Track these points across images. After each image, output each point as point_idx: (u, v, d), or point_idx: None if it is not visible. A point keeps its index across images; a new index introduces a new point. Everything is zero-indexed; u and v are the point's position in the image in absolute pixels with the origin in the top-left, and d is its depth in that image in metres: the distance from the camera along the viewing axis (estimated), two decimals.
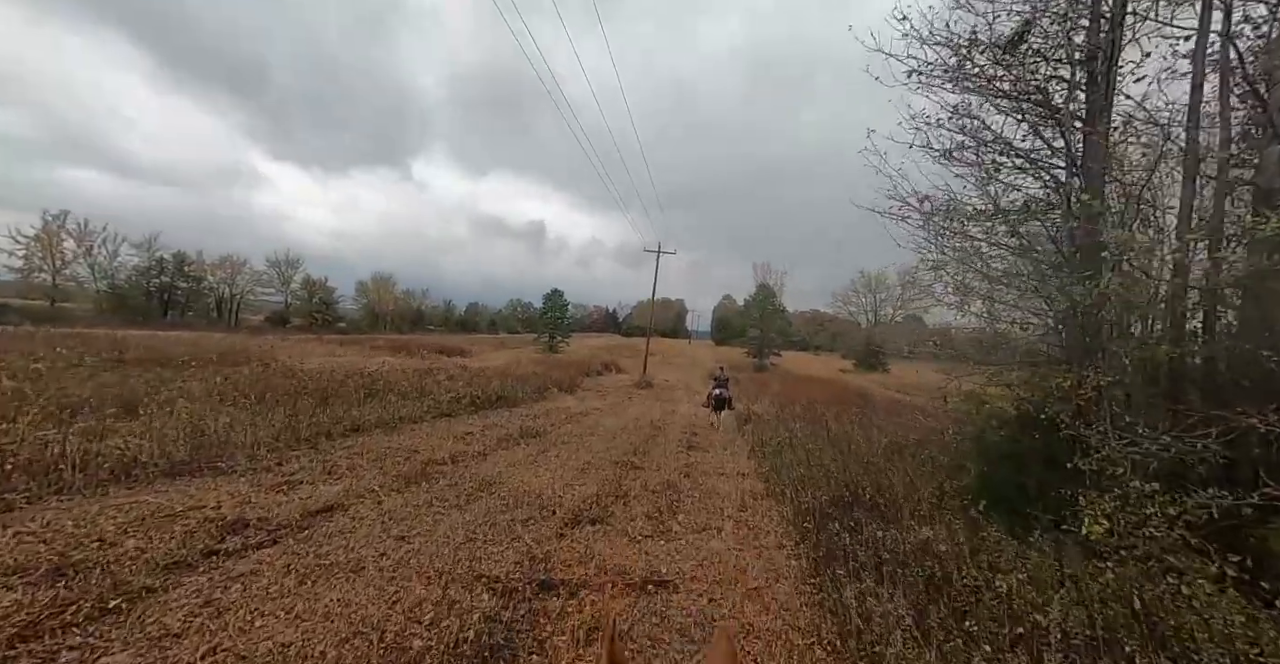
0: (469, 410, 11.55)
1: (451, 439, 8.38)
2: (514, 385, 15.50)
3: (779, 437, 10.52)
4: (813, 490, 6.16)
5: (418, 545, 4.02)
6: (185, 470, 5.02)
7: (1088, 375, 4.35)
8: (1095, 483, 4.32)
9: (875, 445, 8.91)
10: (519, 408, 13.62)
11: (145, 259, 38.69)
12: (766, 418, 14.13)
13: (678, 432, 12.20)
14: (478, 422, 10.49)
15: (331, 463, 6.11)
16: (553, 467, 7.33)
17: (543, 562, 3.95)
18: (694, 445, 10.50)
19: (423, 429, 8.97)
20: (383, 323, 59.70)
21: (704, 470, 8.21)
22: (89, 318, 30.51)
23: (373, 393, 10.46)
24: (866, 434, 10.25)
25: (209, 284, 43.98)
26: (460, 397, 11.87)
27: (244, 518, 3.88)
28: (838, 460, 7.78)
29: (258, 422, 6.66)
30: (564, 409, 14.44)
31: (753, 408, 16.78)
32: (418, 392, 11.20)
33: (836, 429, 11.03)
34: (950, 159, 6.04)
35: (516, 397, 14.50)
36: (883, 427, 11.41)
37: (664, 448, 9.86)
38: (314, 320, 48.75)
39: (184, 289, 40.93)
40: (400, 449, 7.25)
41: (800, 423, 12.23)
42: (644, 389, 24.34)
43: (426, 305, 67.87)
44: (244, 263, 45.47)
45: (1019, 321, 5.80)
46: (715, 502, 6.29)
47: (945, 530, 4.45)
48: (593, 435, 10.43)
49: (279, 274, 49.43)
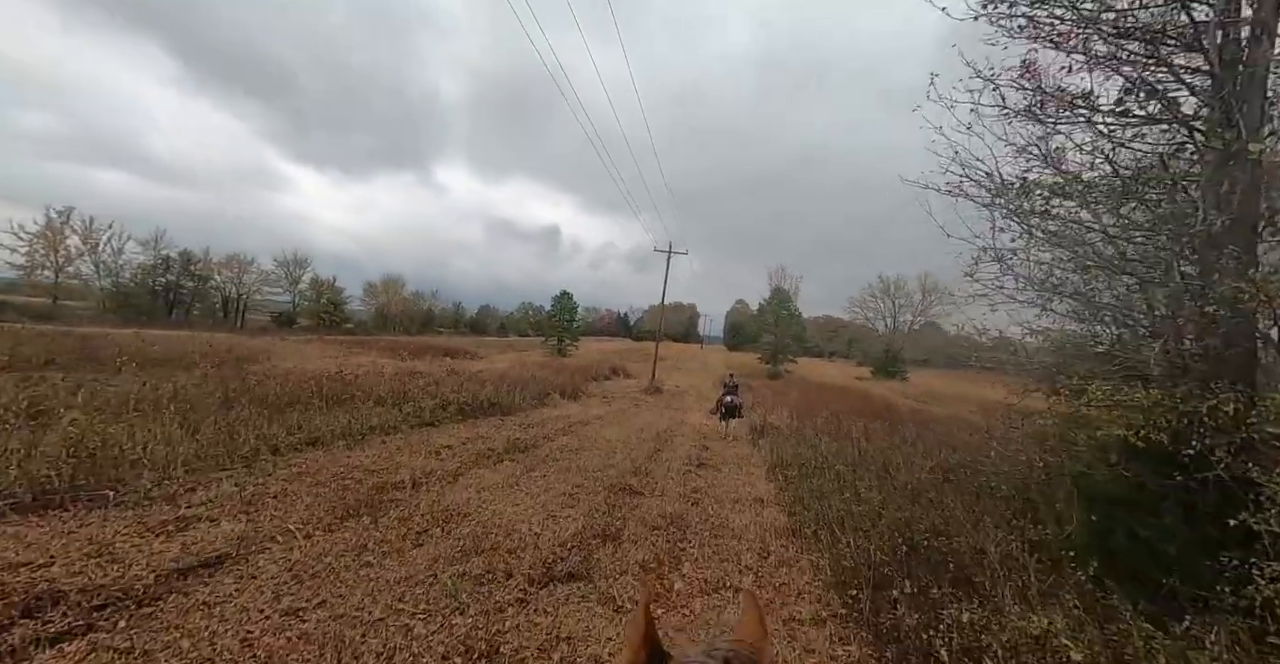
0: (455, 419, 10.43)
1: (423, 454, 7.24)
2: (510, 391, 14.37)
3: (801, 454, 9.25)
4: (853, 534, 4.90)
5: (311, 625, 2.86)
6: (50, 502, 3.93)
7: (1269, 399, 3.08)
8: (1276, 549, 3.04)
9: (917, 468, 7.60)
10: (513, 416, 12.49)
11: (151, 257, 38.53)
12: (785, 431, 12.84)
13: (686, 445, 10.98)
14: (462, 432, 9.36)
15: (258, 489, 4.99)
16: (535, 491, 6.15)
17: (484, 657, 2.76)
18: (704, 462, 9.27)
19: (394, 442, 7.85)
20: (391, 324, 59.20)
21: (715, 496, 6.98)
22: (90, 316, 30.11)
23: (342, 399, 9.39)
24: (903, 452, 8.94)
25: (215, 283, 43.68)
26: (447, 403, 10.76)
27: (57, 589, 2.74)
28: (877, 488, 6.51)
29: (180, 435, 5.57)
30: (563, 417, 13.29)
31: (769, 418, 15.49)
32: (398, 397, 10.10)
33: (868, 446, 9.73)
34: (1030, 116, 4.79)
35: (511, 404, 13.37)
36: (919, 443, 10.08)
37: (669, 465, 8.65)
38: (321, 321, 48.25)
39: (190, 288, 40.58)
40: (355, 469, 6.12)
41: (825, 437, 10.93)
42: (652, 395, 23.13)
43: (436, 307, 67.33)
44: (251, 262, 45.30)
45: (1129, 320, 4.52)
46: (729, 544, 5.07)
47: (1059, 609, 3.17)
48: (590, 450, 9.25)
49: (286, 273, 49.08)
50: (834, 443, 10.40)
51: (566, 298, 47.26)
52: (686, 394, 25.13)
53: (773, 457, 9.51)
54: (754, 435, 12.79)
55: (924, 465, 7.67)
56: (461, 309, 76.44)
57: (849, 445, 9.81)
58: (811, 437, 11.28)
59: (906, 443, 10.13)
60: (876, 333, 71.16)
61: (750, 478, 8.43)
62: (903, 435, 11.76)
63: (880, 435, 11.31)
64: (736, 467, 9.26)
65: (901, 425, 14.23)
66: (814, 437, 11.34)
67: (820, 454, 9.00)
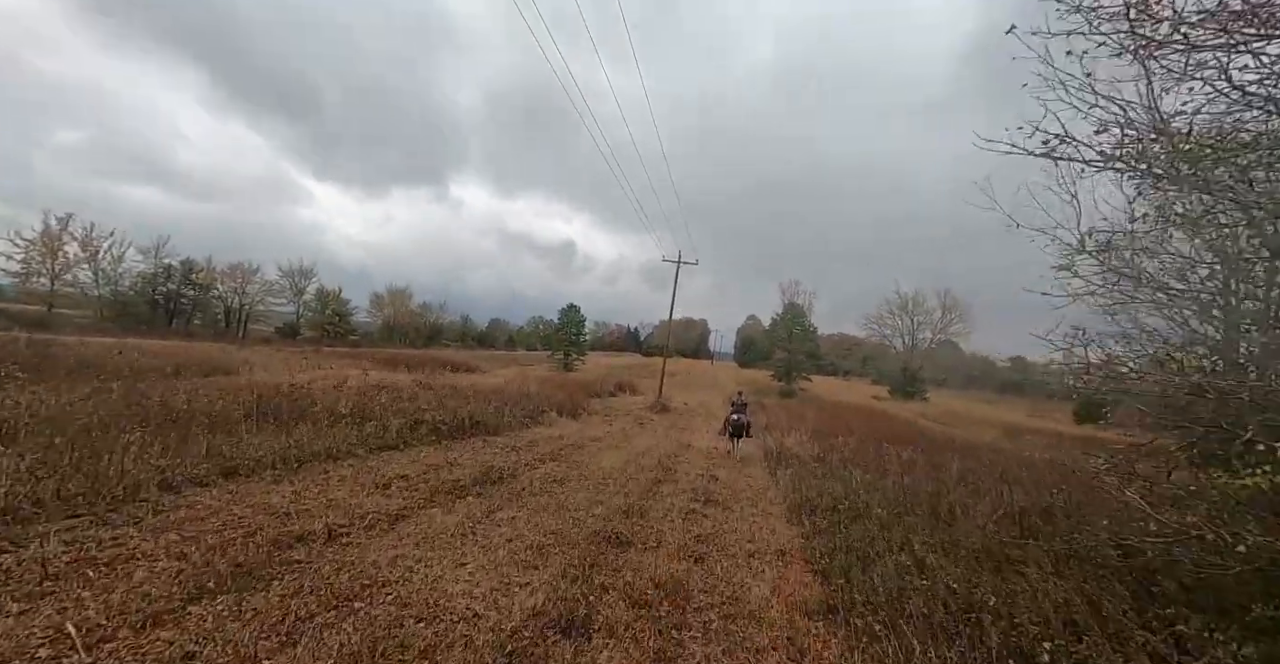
0: (427, 441, 9.11)
1: (367, 489, 5.91)
2: (499, 408, 13.05)
3: (829, 490, 7.76)
4: (921, 627, 3.46)
5: None
6: None
7: None
8: None
9: (980, 515, 6.11)
10: (499, 437, 11.15)
11: (152, 266, 38.01)
12: (805, 458, 11.33)
13: (692, 473, 9.54)
14: (430, 458, 8.02)
15: (97, 548, 3.67)
16: (493, 543, 4.77)
17: None
18: (712, 497, 7.83)
19: (339, 471, 6.53)
20: (397, 336, 58.47)
21: (726, 546, 5.56)
22: (88, 325, 29.51)
23: (297, 417, 8.12)
24: (953, 490, 7.42)
25: (218, 293, 43.15)
26: (419, 422, 9.45)
27: None
28: (937, 546, 5.04)
29: (19, 467, 4.28)
30: (556, 438, 11.92)
31: (785, 442, 13.97)
32: (359, 415, 8.80)
33: (906, 480, 8.21)
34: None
35: (499, 422, 12.03)
36: (968, 478, 8.55)
37: (670, 503, 7.22)
38: (325, 332, 47.54)
39: (191, 297, 40.05)
40: (264, 511, 4.79)
41: (854, 468, 9.43)
42: (659, 413, 21.65)
43: (443, 320, 66.61)
44: (255, 271, 44.79)
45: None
46: (745, 630, 3.65)
47: None
48: (578, 481, 7.86)
49: (291, 284, 48.56)
50: (866, 475, 8.90)
51: (574, 311, 46.17)
52: (695, 413, 23.62)
53: (794, 492, 8.03)
54: (769, 462, 11.30)
55: (988, 511, 6.16)
56: (470, 322, 75.66)
57: (885, 479, 8.30)
58: (837, 466, 9.78)
59: (953, 477, 8.60)
60: (892, 351, 69.06)
61: (768, 519, 6.97)
62: (944, 466, 10.21)
63: (920, 467, 9.78)
64: (751, 503, 7.80)
65: (938, 453, 12.65)
66: (840, 466, 9.84)
67: (852, 490, 7.51)
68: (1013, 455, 14.21)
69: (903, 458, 10.79)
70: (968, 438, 20.07)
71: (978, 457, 13.06)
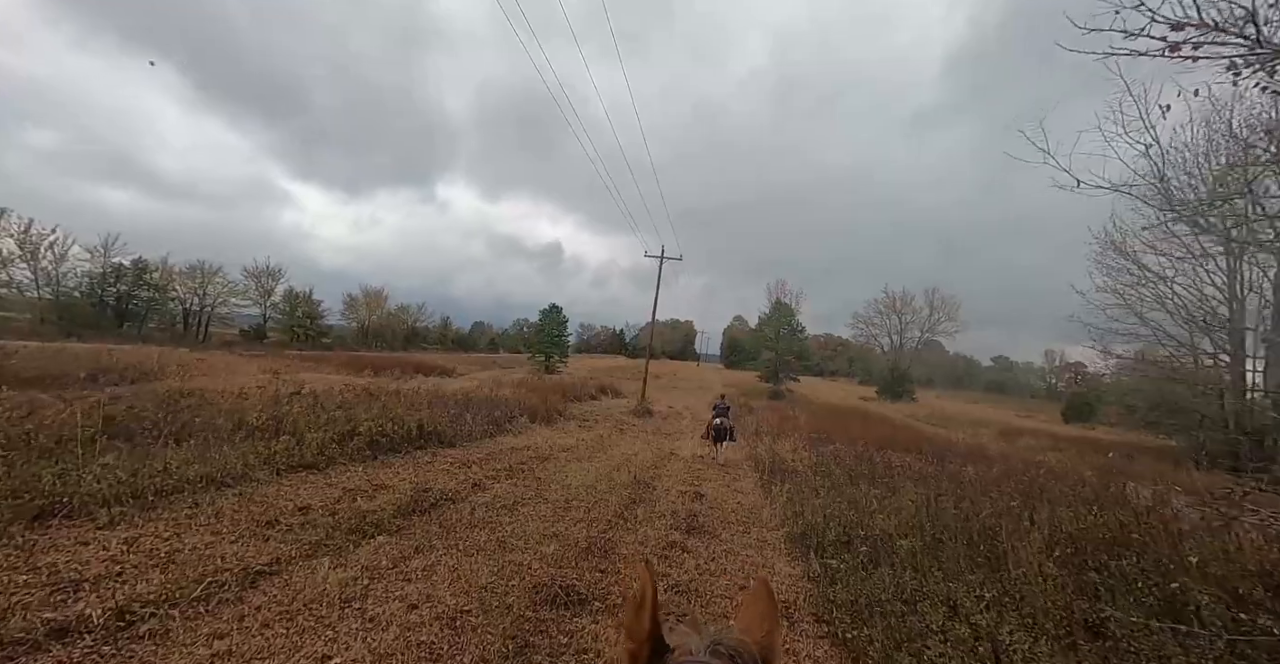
0: (360, 457, 7.64)
1: (242, 531, 4.46)
2: (458, 415, 11.60)
3: (837, 512, 6.46)
4: None
5: None
6: None
7: None
8: None
9: (1033, 548, 4.83)
10: (454, 449, 9.72)
11: (99, 265, 35.48)
12: (802, 468, 10.04)
13: (675, 489, 8.20)
14: (355, 479, 6.57)
15: None
16: (385, 619, 3.36)
17: None
18: (696, 523, 6.49)
19: (217, 504, 5.05)
20: (373, 340, 56.35)
21: (711, 599, 4.24)
22: (23, 328, 27.31)
23: (194, 431, 6.61)
24: (981, 505, 6.15)
25: (176, 294, 40.65)
26: (352, 434, 7.98)
27: None
28: (999, 603, 3.75)
29: None
30: (523, 449, 10.51)
31: (777, 449, 12.70)
32: (271, 427, 7.31)
33: (922, 495, 6.93)
34: None
35: (456, 432, 10.58)
36: (994, 493, 7.30)
37: (645, 531, 5.87)
38: (295, 335, 45.34)
39: (145, 299, 37.57)
40: (50, 575, 3.34)
41: (861, 482, 8.15)
42: (641, 418, 20.28)
43: (420, 322, 64.48)
44: (216, 271, 42.26)
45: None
46: None
47: None
48: (535, 504, 6.48)
49: (257, 285, 46.19)
50: (874, 490, 7.63)
51: (555, 311, 44.64)
52: (681, 416, 22.31)
53: (794, 514, 6.72)
54: (762, 474, 10.00)
55: (1040, 545, 4.89)
56: (450, 324, 73.55)
57: (902, 496, 7.01)
58: (841, 479, 8.50)
59: (979, 491, 7.35)
60: (878, 351, 68.49)
61: (765, 552, 5.66)
62: (957, 475, 8.99)
63: (931, 477, 8.54)
64: (742, 529, 6.48)
65: (942, 459, 11.46)
66: (844, 478, 8.56)
67: (866, 514, 6.21)
68: (1023, 459, 13.12)
69: (913, 468, 9.57)
70: (967, 440, 19.03)
71: (987, 462, 11.92)
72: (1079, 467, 12.69)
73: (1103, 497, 7.80)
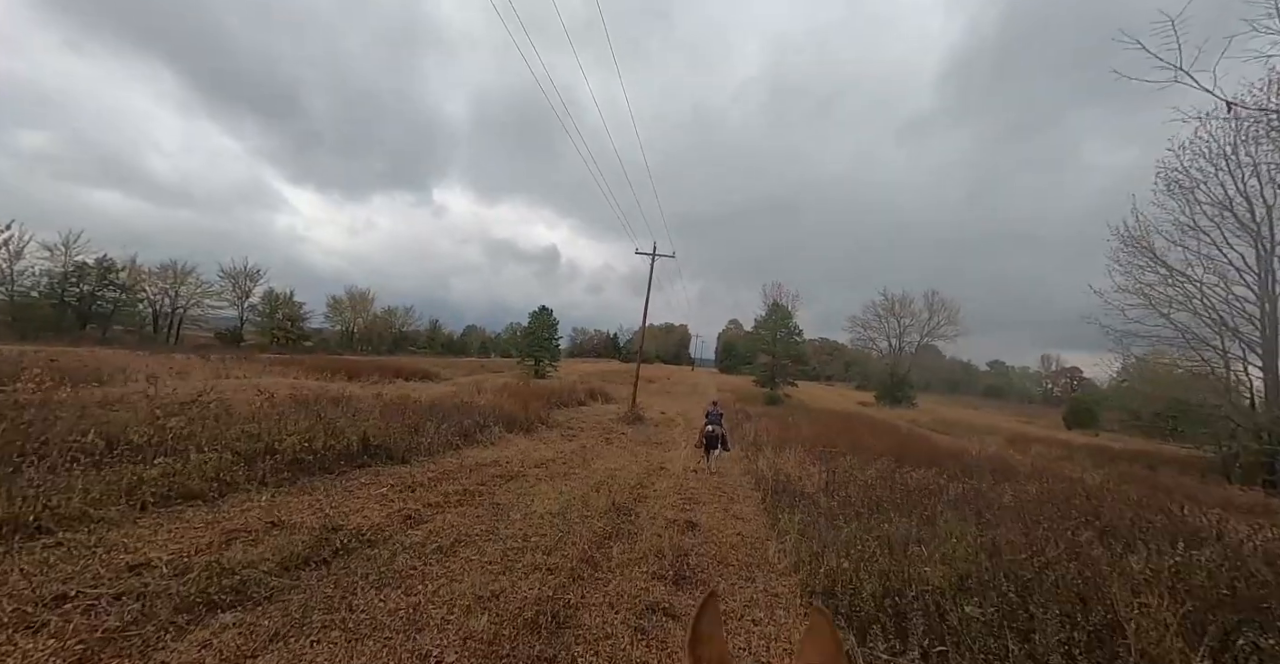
0: (274, 481, 6.19)
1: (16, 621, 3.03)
2: (418, 425, 10.18)
3: (863, 550, 5.07)
4: None
5: None
6: None
7: None
8: None
9: (1162, 615, 3.47)
10: (406, 466, 8.30)
11: (61, 264, 33.58)
12: (811, 489, 8.65)
13: (662, 518, 6.81)
14: (246, 514, 5.14)
15: None
16: None
17: None
18: (686, 568, 5.11)
19: (4, 564, 3.61)
20: (359, 343, 54.67)
21: None
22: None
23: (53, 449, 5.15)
24: (1061, 547, 4.80)
25: (146, 295, 38.80)
26: (268, 452, 6.55)
27: None
28: None
29: None
30: (488, 465, 9.10)
31: (780, 463, 11.32)
32: (154, 441, 5.85)
33: (994, 539, 5.56)
34: None
35: (413, 444, 9.16)
36: (1065, 522, 5.94)
37: (619, 585, 4.48)
38: (275, 338, 43.62)
39: (111, 299, 35.70)
40: None
41: (887, 508, 6.76)
42: (631, 425, 18.86)
43: (409, 325, 62.76)
44: (189, 272, 40.40)
45: None
46: None
47: None
48: (480, 543, 5.08)
49: (234, 286, 44.37)
50: (904, 520, 6.25)
51: (545, 313, 43.19)
52: (674, 423, 20.90)
53: (810, 556, 5.33)
54: (764, 495, 8.62)
55: (1166, 604, 3.52)
56: (439, 327, 71.85)
57: (946, 532, 5.64)
58: (862, 504, 7.11)
59: (1031, 519, 5.98)
60: (876, 355, 67.21)
61: (777, 617, 4.26)
62: (1001, 498, 7.63)
63: (972, 502, 7.16)
64: (745, 576, 5.09)
65: (966, 474, 10.10)
66: (865, 503, 7.18)
67: (907, 559, 4.82)
68: (1053, 473, 11.80)
69: (940, 488, 8.21)
70: (984, 451, 17.71)
71: (1015, 477, 10.58)
72: (1116, 483, 11.38)
73: (1178, 526, 6.48)
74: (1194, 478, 16.89)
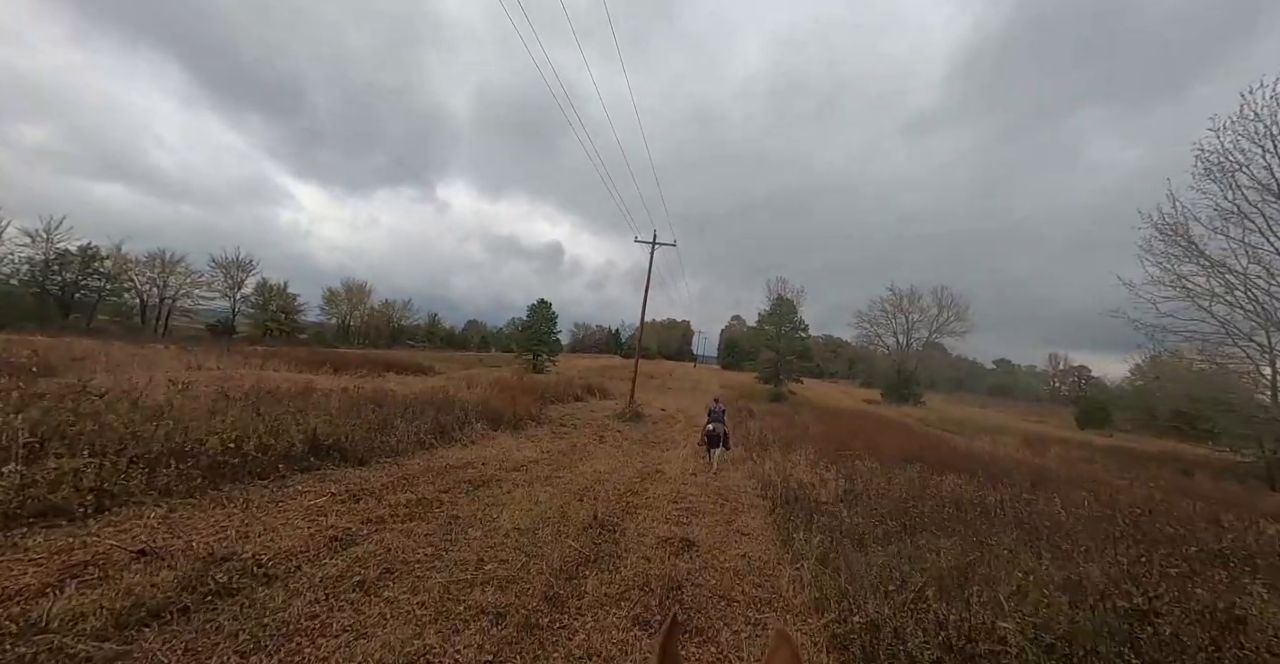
0: (180, 489, 5.10)
1: None
2: (385, 421, 9.11)
3: (914, 584, 3.96)
4: None
5: None
6: None
7: None
8: None
9: None
10: (362, 470, 7.22)
11: (42, 251, 32.51)
12: (827, 498, 7.54)
13: (652, 534, 5.71)
14: (127, 531, 4.07)
15: None
16: None
17: None
18: (679, 614, 4.02)
19: None
20: (355, 337, 53.71)
21: None
22: None
23: None
24: (1168, 595, 3.69)
25: (133, 285, 37.76)
26: (177, 452, 5.46)
27: None
28: None
29: None
30: (460, 468, 8.02)
31: (789, 466, 10.21)
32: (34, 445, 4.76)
33: (1080, 581, 4.44)
34: None
35: (373, 444, 8.09)
36: (1149, 566, 4.82)
37: (588, 640, 3.38)
38: (268, 331, 42.64)
39: (96, 289, 34.70)
40: None
41: (931, 529, 5.64)
42: (628, 423, 17.74)
43: (407, 319, 61.72)
44: (178, 262, 39.28)
45: None
46: None
47: None
48: (419, 575, 3.99)
49: (225, 276, 43.32)
50: (948, 542, 5.14)
51: (544, 306, 42.08)
52: (674, 420, 19.80)
53: (841, 596, 4.21)
54: (772, 505, 7.52)
55: None
56: (438, 322, 70.81)
57: (1006, 561, 4.52)
58: (889, 519, 5.99)
59: (1101, 542, 4.85)
60: (882, 352, 65.85)
61: None
62: (1055, 513, 6.49)
63: (1023, 516, 6.03)
64: (754, 619, 3.99)
65: (1013, 484, 8.96)
66: (892, 519, 6.06)
67: (960, 599, 3.70)
68: (1093, 480, 10.66)
69: (976, 498, 7.06)
70: (1011, 454, 16.56)
71: (1056, 485, 9.43)
72: (1159, 492, 10.22)
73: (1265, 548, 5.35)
74: (1234, 484, 15.71)
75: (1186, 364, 20.58)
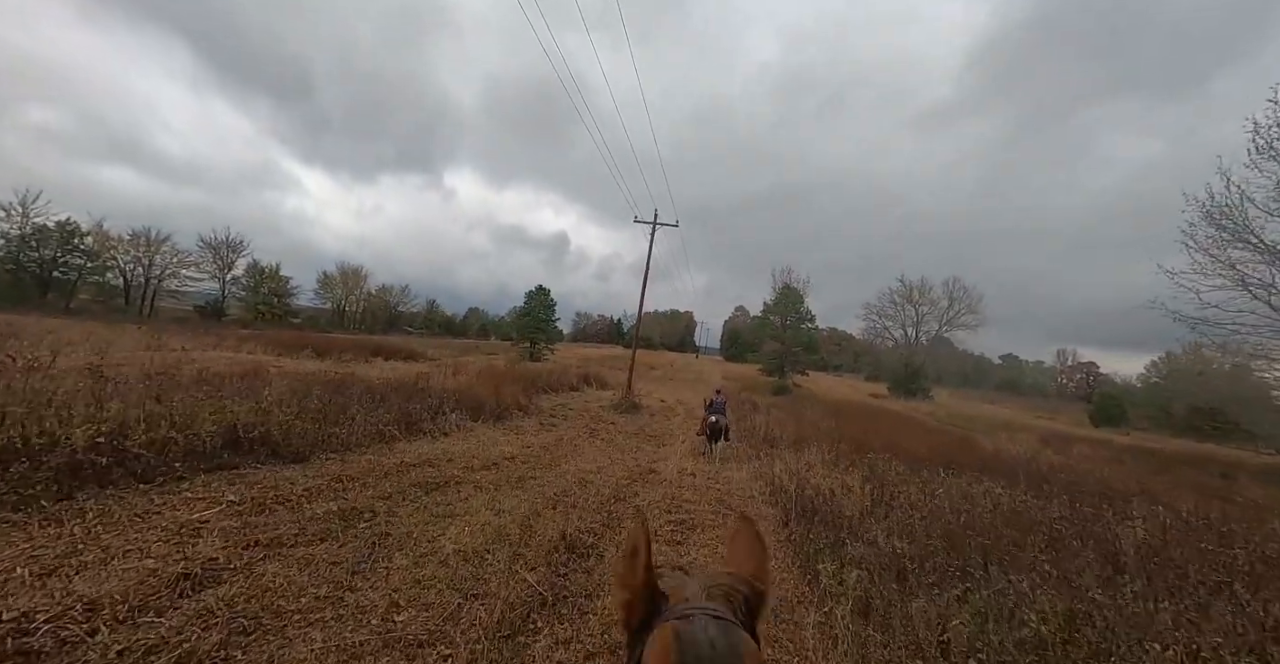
0: (23, 498, 3.88)
1: None
2: (344, 409, 7.88)
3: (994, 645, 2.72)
4: None
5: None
6: None
7: None
8: None
9: None
10: (295, 467, 6.01)
11: (17, 227, 31.04)
12: (852, 509, 6.27)
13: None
14: None
15: None
16: None
17: None
18: None
19: None
20: (350, 322, 52.58)
21: None
22: None
23: None
24: None
25: (116, 263, 36.42)
26: (31, 447, 4.23)
27: None
28: None
29: None
30: (420, 466, 6.80)
31: (801, 467, 8.96)
32: None
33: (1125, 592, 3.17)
34: None
35: (323, 436, 6.87)
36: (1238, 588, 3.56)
37: None
38: (259, 314, 41.46)
39: (77, 267, 33.39)
40: None
41: (1005, 564, 4.36)
42: (624, 414, 16.49)
43: (405, 305, 60.49)
44: (164, 240, 37.93)
45: None
46: None
47: None
48: (284, 640, 2.74)
49: (214, 256, 41.97)
50: (1015, 578, 3.88)
51: (542, 293, 40.78)
52: (673, 412, 18.56)
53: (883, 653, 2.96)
54: (785, 515, 6.27)
55: None
56: (437, 307, 69.59)
57: (1104, 611, 3.24)
58: (940, 545, 4.73)
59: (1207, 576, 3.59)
60: (888, 345, 64.35)
61: None
62: (1130, 536, 5.22)
63: (1072, 528, 4.76)
64: None
65: (1063, 494, 7.69)
66: (943, 545, 4.80)
67: None
68: (1146, 491, 9.38)
69: (1025, 510, 5.79)
70: (1052, 459, 15.29)
71: (1107, 495, 8.17)
72: (1227, 505, 8.94)
73: None
74: (1277, 488, 14.43)
75: (1208, 361, 19.09)
